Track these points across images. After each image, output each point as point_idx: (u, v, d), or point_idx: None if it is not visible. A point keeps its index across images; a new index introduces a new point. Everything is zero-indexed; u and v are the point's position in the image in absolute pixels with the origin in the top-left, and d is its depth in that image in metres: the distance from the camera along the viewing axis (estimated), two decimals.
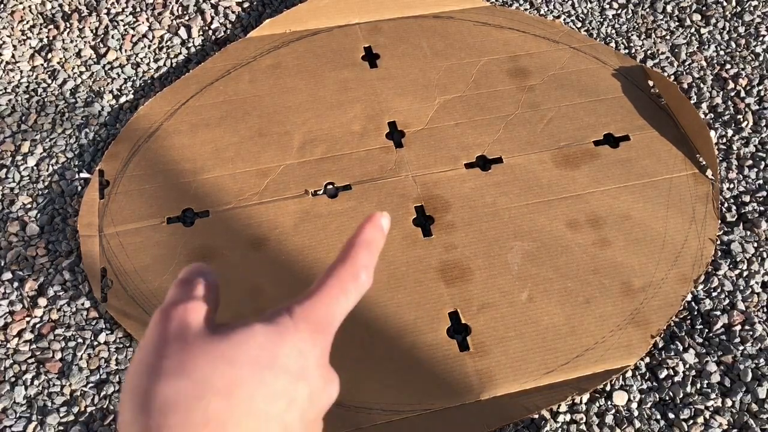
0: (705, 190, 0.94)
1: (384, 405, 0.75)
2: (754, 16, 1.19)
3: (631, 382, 0.78)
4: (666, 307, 0.83)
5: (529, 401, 0.76)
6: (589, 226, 0.90)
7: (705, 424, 0.75)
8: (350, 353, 0.79)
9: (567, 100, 1.04)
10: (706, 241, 0.89)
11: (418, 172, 0.95)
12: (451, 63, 1.08)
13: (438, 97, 1.04)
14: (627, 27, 1.17)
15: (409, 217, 0.91)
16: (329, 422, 0.81)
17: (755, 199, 0.95)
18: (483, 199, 0.93)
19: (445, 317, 0.82)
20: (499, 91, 1.05)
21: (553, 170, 0.96)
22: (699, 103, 1.06)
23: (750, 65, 1.11)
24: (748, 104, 1.06)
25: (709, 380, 0.78)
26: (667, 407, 0.77)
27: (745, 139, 1.02)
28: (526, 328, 0.81)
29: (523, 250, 0.88)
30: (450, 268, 0.86)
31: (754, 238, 0.90)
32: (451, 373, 0.78)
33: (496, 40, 1.12)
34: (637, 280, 0.85)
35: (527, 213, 0.91)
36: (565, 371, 0.78)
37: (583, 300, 0.83)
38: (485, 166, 0.96)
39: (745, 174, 0.98)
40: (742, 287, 0.86)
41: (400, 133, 1.00)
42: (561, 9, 1.19)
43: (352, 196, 0.92)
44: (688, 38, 1.15)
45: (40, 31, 1.15)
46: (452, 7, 1.17)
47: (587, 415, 0.76)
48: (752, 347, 0.81)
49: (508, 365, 0.78)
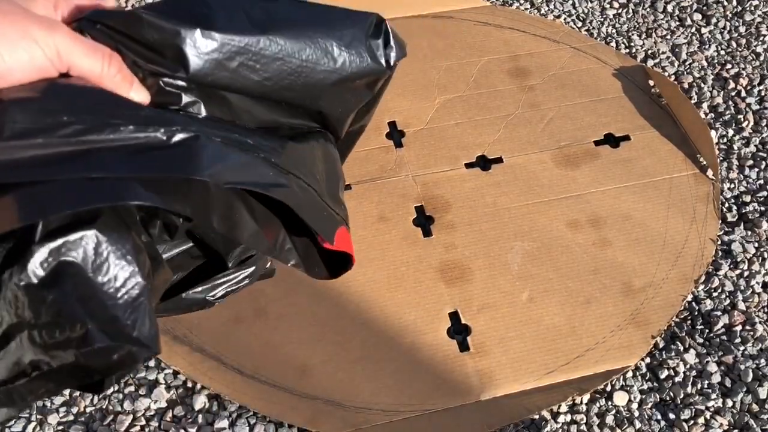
0: (706, 190, 0.94)
1: (384, 405, 0.75)
2: (755, 16, 1.18)
3: (631, 383, 0.78)
4: (666, 308, 0.83)
5: (530, 402, 0.75)
6: (590, 226, 0.90)
7: (706, 425, 0.75)
8: (350, 353, 0.78)
9: (567, 100, 1.04)
10: (707, 241, 0.89)
11: (418, 171, 0.95)
12: (451, 63, 1.08)
13: (438, 97, 1.04)
14: (627, 27, 1.17)
15: (409, 217, 0.90)
16: (329, 423, 0.81)
17: (756, 199, 0.95)
18: (483, 199, 0.92)
19: (445, 317, 0.81)
20: (500, 90, 1.05)
21: (554, 170, 0.96)
22: (699, 102, 1.06)
23: (751, 65, 1.11)
24: (748, 104, 1.05)
25: (709, 380, 0.78)
26: (668, 408, 0.77)
27: (745, 139, 1.01)
28: (526, 328, 0.81)
29: (523, 250, 0.88)
30: (450, 268, 0.86)
31: (754, 239, 0.90)
32: (451, 373, 0.77)
33: (497, 39, 1.12)
34: (637, 281, 0.85)
35: (527, 213, 0.91)
36: (566, 371, 0.78)
37: (584, 300, 0.83)
38: (485, 166, 0.96)
39: (746, 174, 0.97)
40: (742, 287, 0.86)
41: (400, 132, 0.99)
42: (561, 9, 1.19)
43: (351, 196, 0.92)
44: (688, 38, 1.15)
45: None
46: (452, 6, 1.16)
47: (588, 416, 0.76)
48: (753, 347, 0.81)
49: (509, 365, 0.78)
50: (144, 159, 0.32)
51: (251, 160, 0.37)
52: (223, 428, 0.74)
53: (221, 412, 0.75)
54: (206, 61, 0.37)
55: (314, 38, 0.41)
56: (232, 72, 0.38)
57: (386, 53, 0.44)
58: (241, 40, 0.38)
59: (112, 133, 0.32)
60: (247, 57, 0.38)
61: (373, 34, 0.44)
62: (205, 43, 0.37)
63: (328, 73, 0.42)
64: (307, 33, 0.40)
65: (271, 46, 0.39)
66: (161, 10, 0.36)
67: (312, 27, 0.41)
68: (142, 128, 0.33)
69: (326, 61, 0.41)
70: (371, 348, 0.79)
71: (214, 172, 0.33)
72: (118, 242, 0.32)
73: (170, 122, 0.34)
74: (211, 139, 0.35)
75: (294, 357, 0.78)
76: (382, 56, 0.44)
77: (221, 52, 0.37)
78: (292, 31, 0.40)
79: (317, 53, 0.41)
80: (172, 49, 0.36)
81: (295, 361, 0.78)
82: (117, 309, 0.32)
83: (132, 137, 0.33)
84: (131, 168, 0.32)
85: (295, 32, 0.40)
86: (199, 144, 0.34)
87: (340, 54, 0.42)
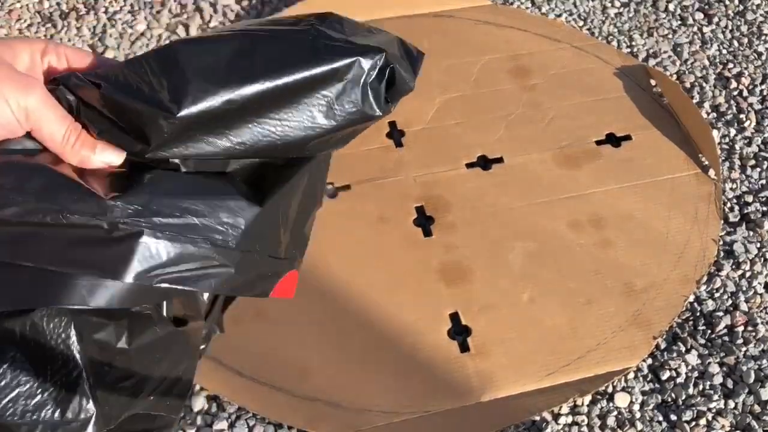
0: (707, 190, 0.93)
1: (384, 407, 0.75)
2: (757, 15, 1.18)
3: (633, 384, 0.78)
4: (668, 308, 0.82)
5: (531, 403, 0.75)
6: (591, 226, 0.89)
7: (707, 426, 0.75)
8: (350, 355, 0.78)
9: (569, 100, 1.03)
10: (709, 242, 0.88)
11: (418, 171, 0.95)
12: (452, 62, 1.08)
13: (438, 96, 1.03)
14: (629, 26, 1.17)
15: (410, 218, 0.90)
16: (329, 424, 0.80)
17: (758, 199, 0.94)
18: (484, 199, 0.92)
19: (446, 318, 0.81)
20: (501, 90, 1.04)
21: (555, 170, 0.95)
22: (701, 102, 1.05)
23: (753, 64, 1.10)
24: (750, 104, 1.05)
25: (711, 382, 0.78)
26: (670, 409, 0.76)
27: (747, 138, 1.01)
28: (527, 329, 0.80)
29: (524, 250, 0.87)
30: (450, 268, 0.85)
31: (756, 239, 0.90)
32: (451, 374, 0.77)
33: (498, 38, 1.11)
34: (639, 281, 0.84)
35: (529, 213, 0.91)
36: (567, 373, 0.77)
37: (585, 301, 0.83)
38: (486, 166, 0.96)
39: (748, 174, 0.97)
40: (744, 288, 0.85)
41: (400, 132, 0.99)
42: (563, 8, 1.19)
43: (351, 196, 0.92)
44: (690, 37, 1.15)
45: (37, 30, 1.15)
46: (453, 5, 1.16)
47: (589, 417, 0.75)
48: (755, 348, 0.80)
49: (509, 367, 0.78)
50: (80, 254, 0.32)
51: (191, 254, 0.35)
52: (222, 429, 0.74)
53: (220, 414, 0.75)
54: (170, 142, 0.36)
55: (297, 99, 0.36)
56: (199, 141, 0.36)
57: (389, 96, 0.39)
58: (211, 107, 0.35)
59: (54, 220, 0.32)
60: (218, 126, 0.36)
61: (376, 78, 0.38)
62: (167, 125, 0.35)
63: (313, 130, 0.38)
64: (291, 91, 0.36)
65: (244, 115, 0.36)
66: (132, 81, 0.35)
67: (294, 82, 0.36)
68: (86, 219, 0.33)
69: (311, 123, 0.37)
70: (371, 349, 0.79)
71: (144, 273, 0.33)
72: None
73: (118, 211, 0.33)
74: (154, 234, 0.34)
75: (294, 358, 0.78)
76: (381, 103, 0.39)
77: (188, 129, 0.35)
78: (271, 91, 0.36)
79: (301, 115, 0.37)
80: (136, 130, 0.35)
81: (295, 362, 0.77)
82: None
83: (75, 225, 0.33)
84: (65, 262, 0.32)
85: (276, 91, 0.36)
86: (137, 243, 0.33)
87: (329, 111, 0.37)
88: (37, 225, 0.32)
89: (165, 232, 0.34)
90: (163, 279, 0.34)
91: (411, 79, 0.41)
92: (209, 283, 0.36)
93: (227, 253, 0.36)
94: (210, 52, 0.35)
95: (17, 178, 0.33)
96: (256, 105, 0.36)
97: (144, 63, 0.35)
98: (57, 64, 0.37)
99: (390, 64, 0.39)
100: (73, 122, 0.36)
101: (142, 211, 0.34)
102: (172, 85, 0.34)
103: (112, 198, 0.34)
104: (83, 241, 0.33)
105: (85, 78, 0.36)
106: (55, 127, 0.35)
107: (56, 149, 0.35)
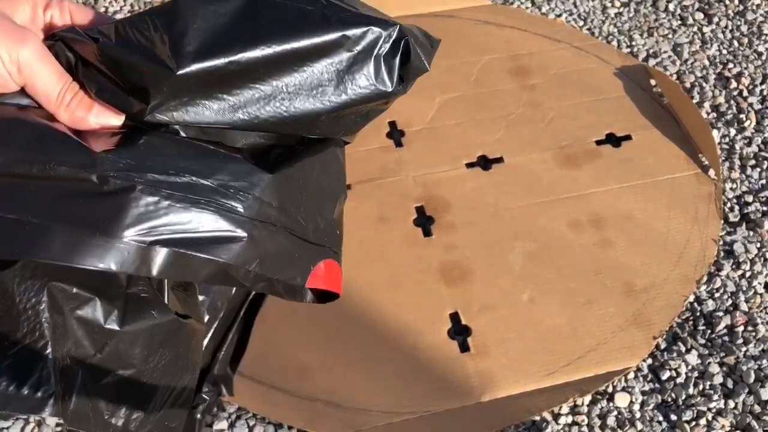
0: (707, 190, 0.93)
1: (383, 407, 0.75)
2: (757, 15, 1.18)
3: (633, 384, 0.78)
4: (668, 308, 0.82)
5: (531, 403, 0.75)
6: (591, 226, 0.89)
7: (707, 426, 0.75)
8: (349, 355, 0.78)
9: (569, 100, 1.03)
10: (709, 242, 0.88)
11: (418, 171, 0.95)
12: (452, 62, 1.08)
13: (438, 96, 1.03)
14: (629, 26, 1.17)
15: (409, 217, 0.90)
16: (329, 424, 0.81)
17: (758, 199, 0.94)
18: (484, 199, 0.92)
19: (446, 318, 0.81)
20: (501, 90, 1.04)
21: (555, 170, 0.95)
22: (701, 102, 1.05)
23: (753, 64, 1.10)
24: (750, 104, 1.05)
25: (711, 381, 0.78)
26: (670, 409, 0.76)
27: (747, 138, 1.01)
28: (527, 329, 0.80)
29: (524, 250, 0.87)
30: (450, 268, 0.85)
31: (756, 239, 0.90)
32: (451, 374, 0.77)
33: (498, 38, 1.11)
34: (639, 281, 0.84)
35: (528, 213, 0.91)
36: (567, 373, 0.77)
37: (585, 301, 0.83)
38: (486, 166, 0.96)
39: (748, 174, 0.97)
40: (744, 288, 0.85)
41: (400, 132, 0.99)
42: (563, 8, 1.19)
43: (351, 196, 0.92)
44: (690, 37, 1.15)
45: None
46: (453, 5, 1.16)
47: (589, 417, 0.75)
48: (755, 348, 0.80)
49: (509, 367, 0.78)
50: (68, 208, 0.30)
51: (193, 215, 0.32)
52: (222, 429, 0.74)
53: (220, 414, 0.75)
54: (169, 102, 0.33)
55: (305, 66, 0.34)
56: (200, 106, 0.34)
57: (403, 73, 0.37)
58: (213, 67, 0.32)
59: (41, 172, 0.30)
60: (220, 89, 0.34)
61: (390, 51, 0.36)
62: (171, 83, 0.32)
63: (322, 104, 0.35)
64: (297, 57, 0.34)
65: (247, 80, 0.34)
66: (132, 36, 0.33)
67: (302, 48, 0.34)
68: (75, 171, 0.30)
69: (320, 95, 0.35)
70: (371, 349, 0.79)
71: (139, 231, 0.30)
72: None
73: (109, 164, 0.31)
74: (148, 190, 0.31)
75: (293, 358, 0.78)
76: (395, 79, 0.37)
77: (188, 89, 0.33)
78: (277, 56, 0.33)
79: (309, 85, 0.35)
80: (134, 88, 0.33)
81: (295, 362, 0.77)
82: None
83: (63, 177, 0.30)
84: (51, 217, 0.29)
85: (282, 57, 0.34)
86: (130, 198, 0.30)
87: (340, 83, 0.35)
88: (23, 177, 0.30)
89: (161, 190, 0.31)
90: (159, 240, 0.30)
91: (427, 59, 0.39)
92: (217, 250, 0.32)
93: (236, 220, 0.33)
94: (215, 12, 0.33)
95: (5, 129, 0.31)
96: (260, 70, 0.34)
97: (147, 19, 0.33)
98: (59, 20, 0.35)
99: (405, 37, 0.36)
100: (71, 80, 0.34)
101: (135, 166, 0.31)
102: (173, 41, 0.32)
103: (104, 152, 0.31)
104: (72, 194, 0.30)
105: (85, 33, 0.34)
106: (51, 84, 0.33)
107: (50, 108, 0.33)
